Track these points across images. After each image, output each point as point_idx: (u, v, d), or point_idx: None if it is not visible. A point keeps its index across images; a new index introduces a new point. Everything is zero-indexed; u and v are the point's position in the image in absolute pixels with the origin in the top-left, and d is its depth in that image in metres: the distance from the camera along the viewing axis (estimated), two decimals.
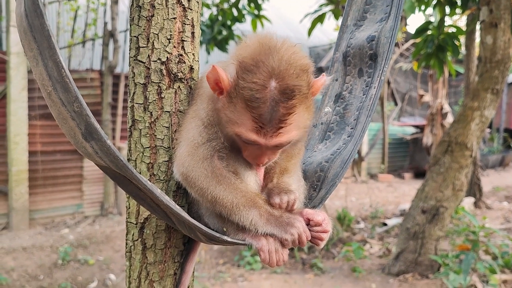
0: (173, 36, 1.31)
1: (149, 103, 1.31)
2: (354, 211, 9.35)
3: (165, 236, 1.36)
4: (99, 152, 1.03)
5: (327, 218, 1.34)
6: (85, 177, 8.81)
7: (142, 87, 1.32)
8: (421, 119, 16.75)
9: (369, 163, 14.56)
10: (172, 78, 1.31)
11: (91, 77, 8.87)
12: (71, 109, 0.99)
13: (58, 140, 8.38)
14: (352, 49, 1.54)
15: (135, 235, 1.36)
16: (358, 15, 1.61)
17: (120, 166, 1.02)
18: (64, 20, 9.62)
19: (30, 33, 0.99)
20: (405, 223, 5.99)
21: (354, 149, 1.40)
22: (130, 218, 1.37)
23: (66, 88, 0.96)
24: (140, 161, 1.33)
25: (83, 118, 0.98)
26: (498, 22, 5.35)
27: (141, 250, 1.35)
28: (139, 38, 1.30)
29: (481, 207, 9.52)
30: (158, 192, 1.06)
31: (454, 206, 5.86)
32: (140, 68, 1.32)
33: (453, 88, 18.29)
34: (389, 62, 1.43)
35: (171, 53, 1.31)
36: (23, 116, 7.83)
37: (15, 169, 7.78)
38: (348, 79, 1.54)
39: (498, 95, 5.58)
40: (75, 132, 1.03)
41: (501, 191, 11.91)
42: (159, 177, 1.33)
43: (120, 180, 1.13)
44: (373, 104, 1.41)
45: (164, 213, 1.18)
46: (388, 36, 1.45)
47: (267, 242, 1.25)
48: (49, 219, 8.43)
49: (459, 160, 5.68)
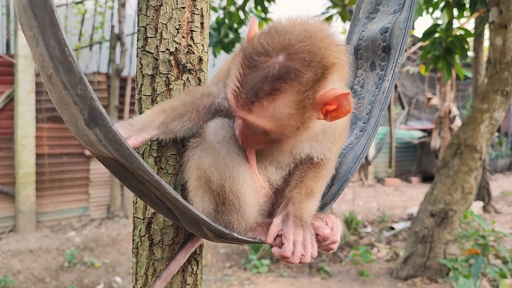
0: (182, 26, 1.27)
1: (157, 95, 1.28)
2: (361, 215, 9.28)
3: (173, 231, 1.32)
4: (103, 140, 0.96)
5: (335, 225, 1.29)
6: (91, 180, 8.81)
7: (150, 78, 1.28)
8: (428, 123, 16.64)
9: (376, 167, 14.47)
10: (180, 69, 1.28)
11: (98, 80, 8.88)
12: (74, 92, 0.92)
13: (65, 142, 8.39)
14: (364, 41, 1.50)
15: (142, 231, 1.32)
16: (370, 7, 1.57)
17: (126, 155, 0.96)
18: (71, 24, 9.65)
19: (30, 9, 0.91)
20: (413, 227, 5.91)
21: (368, 144, 1.36)
22: (137, 214, 1.34)
23: (69, 69, 0.90)
24: (147, 154, 1.30)
25: (87, 102, 0.92)
26: (508, 23, 5.29)
27: (148, 246, 1.31)
28: (147, 28, 1.27)
29: (490, 212, 9.41)
30: (166, 185, 1.02)
31: (463, 209, 5.78)
32: (148, 59, 1.28)
33: (461, 92, 18.16)
34: (403, 54, 1.39)
35: (180, 44, 1.28)
36: (30, 118, 7.85)
37: (22, 171, 7.79)
38: (359, 72, 1.50)
39: (508, 97, 5.52)
40: (77, 118, 0.97)
41: (509, 196, 11.80)
42: (167, 171, 1.29)
43: (122, 174, 1.07)
44: (387, 97, 1.37)
45: (169, 209, 1.13)
46: (402, 28, 1.41)
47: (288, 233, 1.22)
48: (56, 221, 8.43)
49: (468, 163, 5.61)
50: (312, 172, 1.30)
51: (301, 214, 1.25)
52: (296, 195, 1.27)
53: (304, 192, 1.28)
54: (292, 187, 1.29)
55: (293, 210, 1.26)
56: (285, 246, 1.20)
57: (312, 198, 1.30)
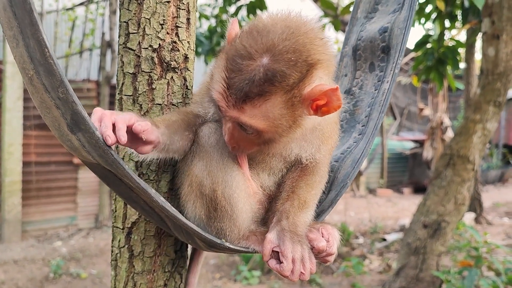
0: (167, 21, 1.18)
1: (139, 95, 1.18)
2: (353, 226, 9.19)
3: (155, 242, 1.21)
4: (87, 146, 0.90)
5: (332, 237, 1.21)
6: (79, 189, 8.65)
7: (131, 77, 1.19)
8: (420, 134, 16.67)
9: (368, 178, 14.42)
10: (164, 68, 1.19)
11: (88, 87, 8.76)
12: (55, 95, 0.85)
13: (53, 150, 8.25)
14: (362, 42, 1.42)
15: (121, 242, 1.21)
16: (369, 6, 1.49)
17: (110, 161, 0.89)
18: (62, 30, 9.55)
19: (10, 8, 0.87)
20: (406, 238, 5.83)
21: (367, 148, 1.27)
22: (116, 223, 1.23)
23: (49, 71, 0.83)
24: (128, 159, 1.19)
25: (69, 106, 0.85)
26: (500, 34, 5.27)
27: (128, 258, 1.21)
28: (129, 23, 1.18)
29: (482, 223, 9.38)
30: (153, 192, 0.93)
31: (456, 220, 5.72)
32: (130, 56, 1.19)
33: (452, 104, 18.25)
34: (403, 54, 1.31)
35: (164, 40, 1.18)
36: (17, 126, 7.71)
37: (9, 179, 7.63)
38: (358, 74, 1.42)
39: (500, 108, 5.49)
40: (59, 122, 0.90)
41: (501, 207, 11.80)
42: (149, 177, 1.19)
43: (110, 180, 1.00)
44: (386, 99, 1.29)
45: (159, 217, 1.05)
46: (402, 27, 1.33)
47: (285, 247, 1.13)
48: (42, 231, 8.26)
49: (461, 174, 5.55)
50: (304, 181, 1.23)
51: (296, 228, 1.18)
52: (289, 208, 1.20)
53: (297, 204, 1.21)
54: (284, 199, 1.22)
55: (288, 225, 1.17)
56: (284, 265, 1.12)
57: (306, 209, 1.22)
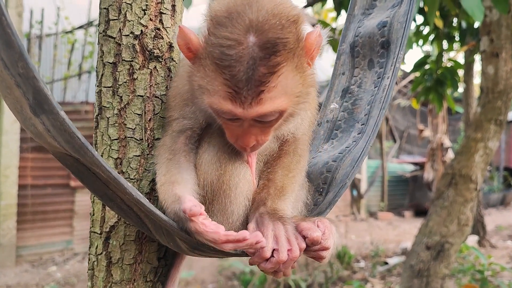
0: (150, 7, 1.10)
1: (119, 86, 1.09)
2: (354, 249, 9.02)
3: (135, 248, 1.10)
4: (51, 130, 0.80)
5: (328, 229, 1.07)
6: (76, 212, 8.52)
7: (111, 67, 1.10)
8: (420, 157, 16.59)
9: (369, 201, 14.27)
10: (147, 56, 1.10)
11: (86, 109, 8.72)
12: (15, 72, 0.75)
13: (50, 173, 8.16)
14: (360, 38, 1.34)
15: (99, 248, 1.10)
16: (366, 3, 1.42)
17: (77, 147, 0.79)
18: (61, 53, 9.57)
19: None
20: (408, 260, 5.68)
21: (367, 146, 1.17)
22: (94, 227, 1.12)
23: (8, 43, 0.73)
24: (106, 156, 1.10)
25: (30, 83, 0.75)
26: (499, 52, 5.25)
27: (106, 266, 1.09)
28: (109, 9, 1.09)
29: (486, 246, 9.21)
30: (126, 182, 0.83)
31: (460, 242, 5.58)
32: (110, 44, 1.10)
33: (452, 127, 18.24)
34: (404, 49, 1.23)
35: (147, 27, 1.10)
36: (14, 148, 7.63)
37: (4, 203, 7.50)
38: (356, 72, 1.34)
39: (501, 126, 5.42)
40: (22, 104, 0.80)
41: (504, 230, 11.65)
42: (129, 175, 1.09)
43: (84, 175, 0.90)
44: (387, 96, 1.20)
45: (138, 217, 0.95)
46: (402, 21, 1.25)
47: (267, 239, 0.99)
48: (37, 256, 8.09)
49: (463, 194, 5.44)
50: (279, 165, 1.15)
51: (275, 209, 1.07)
52: (265, 196, 1.10)
53: (273, 192, 1.11)
54: (260, 189, 1.12)
55: (265, 209, 1.07)
56: (264, 244, 0.97)
57: (284, 195, 1.12)
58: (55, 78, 9.41)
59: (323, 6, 6.63)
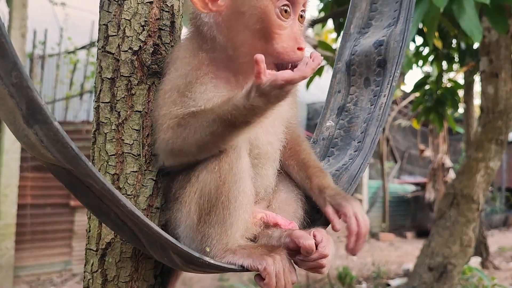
0: (149, 23, 1.12)
1: (117, 101, 1.09)
2: (356, 270, 8.91)
3: (131, 265, 1.09)
4: (44, 140, 0.80)
5: (325, 238, 1.07)
6: (76, 232, 8.44)
7: (109, 82, 1.11)
8: (421, 177, 16.53)
9: (370, 222, 13.96)
10: (145, 72, 1.11)
11: (87, 129, 8.74)
12: (8, 81, 0.75)
13: (50, 192, 8.12)
14: (357, 56, 1.36)
15: (94, 266, 1.10)
16: (362, 22, 1.44)
17: (70, 157, 0.79)
18: (63, 73, 9.65)
19: None
20: (411, 282, 5.61)
21: (364, 163, 1.18)
22: (90, 244, 1.12)
23: (1, 52, 0.73)
24: (104, 171, 1.10)
25: (23, 93, 0.75)
26: (498, 72, 5.29)
27: (101, 284, 1.08)
28: (108, 25, 1.11)
29: (489, 267, 9.09)
30: (119, 195, 0.82)
31: (463, 263, 5.52)
32: (108, 60, 1.12)
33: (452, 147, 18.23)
34: (400, 68, 1.24)
35: (146, 43, 1.11)
36: (14, 167, 7.61)
37: (3, 222, 7.45)
38: (352, 90, 1.35)
39: (503, 146, 5.42)
40: (15, 115, 0.80)
41: (507, 251, 11.52)
42: (126, 191, 1.09)
43: (77, 187, 0.90)
44: (384, 114, 1.21)
45: (132, 232, 0.94)
46: (399, 40, 1.27)
47: (273, 260, 0.98)
48: (35, 276, 7.99)
49: (465, 214, 5.41)
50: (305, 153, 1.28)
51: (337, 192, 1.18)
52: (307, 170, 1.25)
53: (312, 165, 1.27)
54: None
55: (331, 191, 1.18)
56: None
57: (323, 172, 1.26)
58: (56, 97, 9.46)
59: (323, 27, 6.68)
